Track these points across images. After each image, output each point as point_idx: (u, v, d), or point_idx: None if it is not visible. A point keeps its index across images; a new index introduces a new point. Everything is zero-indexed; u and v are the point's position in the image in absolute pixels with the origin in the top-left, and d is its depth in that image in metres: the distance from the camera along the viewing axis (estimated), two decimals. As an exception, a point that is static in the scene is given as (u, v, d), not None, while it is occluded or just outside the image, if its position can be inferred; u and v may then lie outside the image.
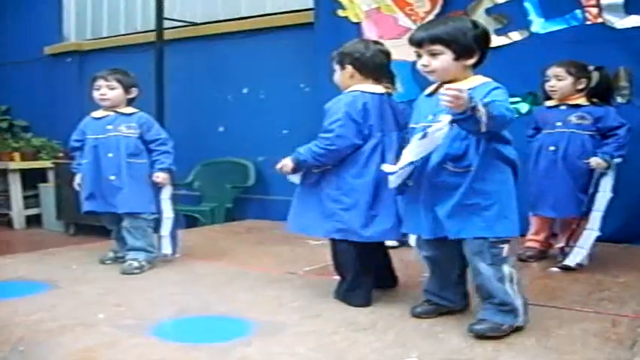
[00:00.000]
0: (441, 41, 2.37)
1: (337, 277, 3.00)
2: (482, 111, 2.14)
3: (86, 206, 3.77)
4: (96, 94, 3.75)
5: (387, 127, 2.85)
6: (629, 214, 4.24)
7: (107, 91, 3.74)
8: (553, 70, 3.72)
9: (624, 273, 3.50)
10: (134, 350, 2.34)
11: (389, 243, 3.10)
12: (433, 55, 2.40)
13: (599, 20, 4.45)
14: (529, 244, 3.85)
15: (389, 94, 2.94)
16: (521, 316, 2.45)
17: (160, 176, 3.73)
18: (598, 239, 3.55)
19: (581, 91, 3.70)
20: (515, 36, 4.69)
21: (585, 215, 3.57)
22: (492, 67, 2.46)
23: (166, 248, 3.79)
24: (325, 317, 2.70)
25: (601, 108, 3.66)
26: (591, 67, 3.71)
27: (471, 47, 2.38)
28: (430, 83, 2.54)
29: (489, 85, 2.38)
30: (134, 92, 3.82)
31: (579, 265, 3.54)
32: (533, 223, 3.87)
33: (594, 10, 4.46)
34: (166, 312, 2.80)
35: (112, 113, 3.77)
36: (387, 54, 3.02)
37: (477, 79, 2.42)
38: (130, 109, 3.81)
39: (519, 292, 2.45)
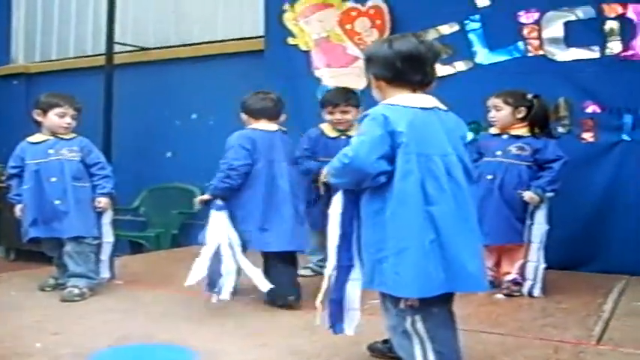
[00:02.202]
0: (367, 61, 2.30)
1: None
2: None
3: (31, 233, 3.68)
4: (59, 121, 3.69)
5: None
6: (572, 240, 4.33)
7: (71, 120, 3.73)
8: (492, 101, 3.82)
9: (567, 299, 3.56)
10: (71, 380, 2.28)
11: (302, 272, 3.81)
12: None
13: (541, 52, 4.58)
14: None
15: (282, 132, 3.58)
16: None
17: (102, 201, 3.71)
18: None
19: (522, 120, 3.77)
20: (460, 66, 4.78)
21: (524, 244, 3.65)
22: (437, 95, 2.49)
23: (105, 272, 3.75)
24: (270, 345, 2.67)
25: (541, 140, 3.75)
26: (530, 95, 3.79)
27: (384, 67, 2.20)
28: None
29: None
30: (77, 118, 3.79)
31: (530, 295, 3.62)
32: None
33: (536, 43, 4.59)
34: (106, 340, 2.73)
35: (51, 138, 3.72)
36: (273, 100, 3.62)
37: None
38: (70, 134, 3.76)
39: (434, 351, 2.10)
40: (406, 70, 2.16)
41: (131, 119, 6.61)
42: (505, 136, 3.80)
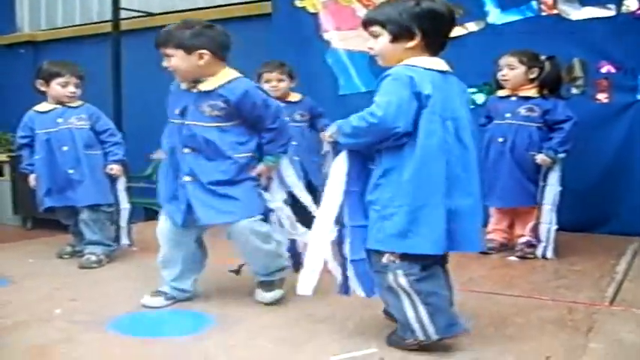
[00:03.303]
0: (377, 22, 2.20)
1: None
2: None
3: (46, 202, 3.70)
4: (62, 91, 3.67)
5: None
6: (585, 202, 4.31)
7: (75, 89, 3.70)
8: (505, 60, 3.76)
9: (580, 261, 3.57)
10: (90, 345, 2.31)
11: None
12: (375, 37, 2.23)
13: (555, 11, 4.51)
14: (490, 235, 3.88)
15: None
16: (422, 332, 2.14)
17: (114, 168, 3.70)
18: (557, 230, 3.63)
19: (532, 81, 3.73)
20: (472, 27, 4.72)
21: (537, 206, 3.64)
22: (449, 57, 2.45)
23: (124, 239, 3.77)
24: (284, 309, 2.70)
25: (550, 101, 3.70)
26: (543, 57, 3.74)
27: (408, 28, 2.13)
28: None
29: None
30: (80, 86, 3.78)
31: (544, 257, 3.63)
32: (492, 213, 3.91)
33: (549, 1, 4.52)
34: (123, 307, 2.77)
35: (58, 106, 3.71)
36: None
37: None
38: (76, 102, 3.74)
39: (422, 303, 2.11)
40: (433, 31, 2.15)
41: (140, 86, 6.58)
42: (514, 98, 3.77)
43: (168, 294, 2.83)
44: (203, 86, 2.72)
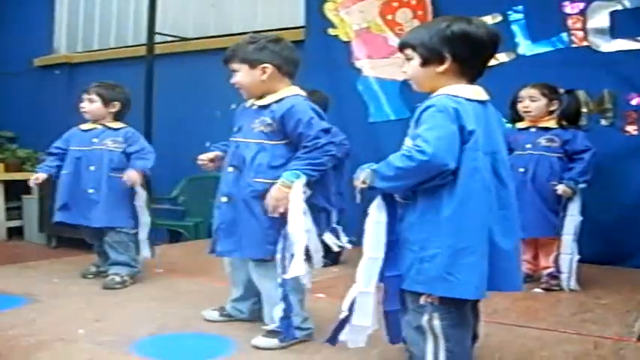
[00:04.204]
0: (409, 45, 2.10)
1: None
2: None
3: (58, 217, 3.74)
4: (81, 108, 3.75)
5: None
6: (611, 235, 4.26)
7: (86, 104, 3.75)
8: (527, 92, 3.79)
9: (607, 295, 3.51)
10: (113, 367, 2.32)
11: None
12: (408, 60, 2.13)
13: (585, 43, 4.50)
14: None
15: None
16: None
17: (130, 175, 3.61)
18: (580, 260, 3.59)
19: (551, 113, 3.76)
20: (502, 57, 4.72)
21: (558, 236, 3.62)
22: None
23: (145, 251, 3.75)
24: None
25: (569, 131, 3.72)
26: (562, 90, 3.76)
27: (438, 51, 2.03)
28: (417, 103, 2.22)
29: None
30: (116, 106, 3.78)
31: (570, 290, 3.59)
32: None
33: (580, 34, 4.51)
34: (146, 328, 2.78)
35: (99, 126, 3.76)
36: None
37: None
38: (117, 124, 3.79)
39: (446, 350, 2.03)
40: (467, 56, 2.03)
41: (171, 109, 6.67)
42: (533, 129, 3.78)
43: (225, 311, 2.88)
44: (261, 101, 2.66)
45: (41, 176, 3.76)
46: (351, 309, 2.12)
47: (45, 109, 7.84)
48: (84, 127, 3.81)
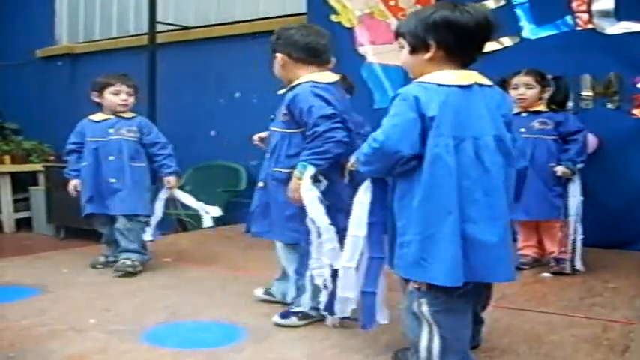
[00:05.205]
0: (400, 34, 2.13)
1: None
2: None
3: (87, 209, 3.78)
4: (114, 99, 3.75)
5: None
6: (618, 218, 4.26)
7: (127, 97, 3.78)
8: (522, 79, 3.78)
9: (615, 278, 3.52)
10: (125, 356, 2.33)
11: None
12: (401, 49, 2.15)
13: (590, 26, 4.47)
14: (522, 251, 3.86)
15: None
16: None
17: (171, 181, 3.78)
18: (587, 244, 3.60)
19: (540, 98, 3.78)
20: (507, 41, 4.70)
21: (563, 218, 3.63)
22: (483, 72, 2.44)
23: (147, 236, 3.75)
24: (317, 323, 2.68)
25: (560, 114, 3.75)
26: (549, 76, 3.78)
27: (423, 39, 2.04)
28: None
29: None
30: (137, 98, 3.87)
31: (575, 271, 3.59)
32: (519, 229, 3.87)
33: (585, 16, 4.49)
34: (157, 317, 2.79)
35: (112, 117, 3.79)
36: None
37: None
38: (130, 114, 3.83)
39: (440, 335, 2.03)
40: (452, 42, 2.02)
41: (175, 98, 6.68)
42: (524, 114, 3.78)
43: (269, 289, 3.01)
44: (282, 90, 2.73)
45: (77, 184, 3.81)
46: (334, 282, 2.32)
47: (48, 101, 7.86)
48: (95, 117, 3.83)
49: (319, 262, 2.48)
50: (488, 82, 2.09)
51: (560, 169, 3.64)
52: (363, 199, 2.17)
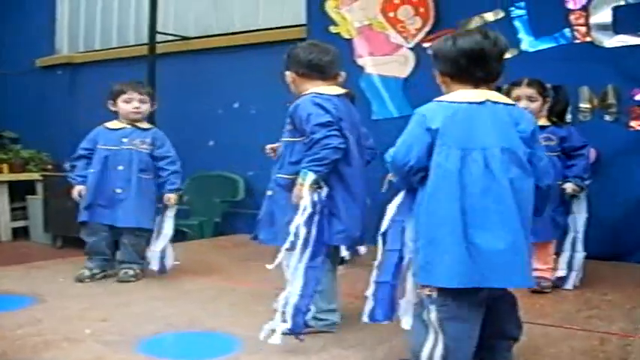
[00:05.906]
0: (433, 57, 2.29)
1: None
2: None
3: (84, 216, 3.74)
4: (127, 107, 3.74)
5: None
6: (616, 230, 4.26)
7: (140, 104, 3.76)
8: (524, 91, 3.54)
9: (612, 291, 3.51)
10: (120, 366, 2.33)
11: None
12: None
13: (588, 39, 4.50)
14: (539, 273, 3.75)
15: None
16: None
17: (172, 198, 3.75)
18: (585, 257, 3.58)
19: (541, 111, 3.60)
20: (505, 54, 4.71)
21: (562, 237, 3.56)
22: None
23: (154, 264, 3.73)
24: (313, 334, 2.67)
25: (564, 128, 3.60)
26: (548, 86, 3.62)
27: (437, 64, 2.24)
28: (419, 100, 2.35)
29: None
30: (154, 106, 3.86)
31: (574, 286, 3.57)
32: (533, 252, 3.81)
33: (583, 29, 4.51)
34: (152, 328, 2.78)
35: (128, 126, 3.77)
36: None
37: None
38: (146, 124, 3.82)
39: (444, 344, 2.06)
40: (469, 66, 2.15)
41: (173, 108, 6.66)
42: None
43: None
44: (290, 103, 2.81)
45: (83, 189, 3.75)
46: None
47: (48, 110, 7.85)
48: (111, 125, 3.81)
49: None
50: (505, 101, 2.21)
51: (569, 187, 3.50)
52: (394, 202, 2.28)
